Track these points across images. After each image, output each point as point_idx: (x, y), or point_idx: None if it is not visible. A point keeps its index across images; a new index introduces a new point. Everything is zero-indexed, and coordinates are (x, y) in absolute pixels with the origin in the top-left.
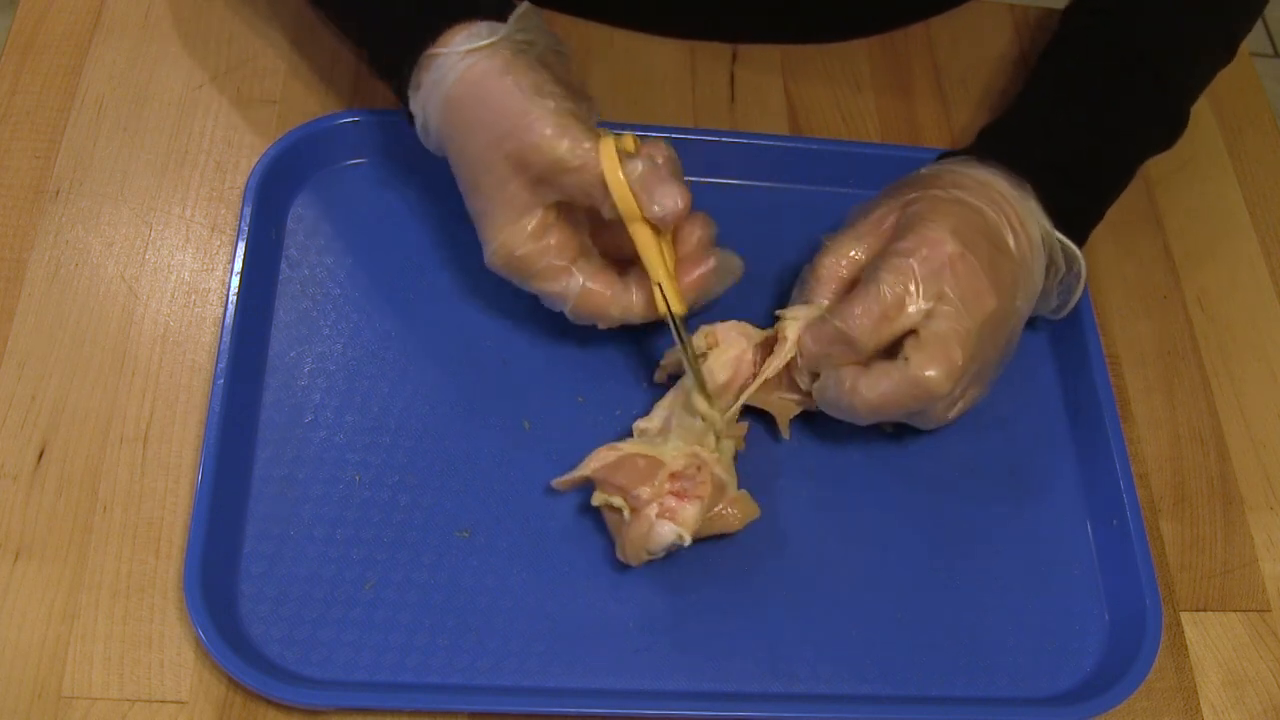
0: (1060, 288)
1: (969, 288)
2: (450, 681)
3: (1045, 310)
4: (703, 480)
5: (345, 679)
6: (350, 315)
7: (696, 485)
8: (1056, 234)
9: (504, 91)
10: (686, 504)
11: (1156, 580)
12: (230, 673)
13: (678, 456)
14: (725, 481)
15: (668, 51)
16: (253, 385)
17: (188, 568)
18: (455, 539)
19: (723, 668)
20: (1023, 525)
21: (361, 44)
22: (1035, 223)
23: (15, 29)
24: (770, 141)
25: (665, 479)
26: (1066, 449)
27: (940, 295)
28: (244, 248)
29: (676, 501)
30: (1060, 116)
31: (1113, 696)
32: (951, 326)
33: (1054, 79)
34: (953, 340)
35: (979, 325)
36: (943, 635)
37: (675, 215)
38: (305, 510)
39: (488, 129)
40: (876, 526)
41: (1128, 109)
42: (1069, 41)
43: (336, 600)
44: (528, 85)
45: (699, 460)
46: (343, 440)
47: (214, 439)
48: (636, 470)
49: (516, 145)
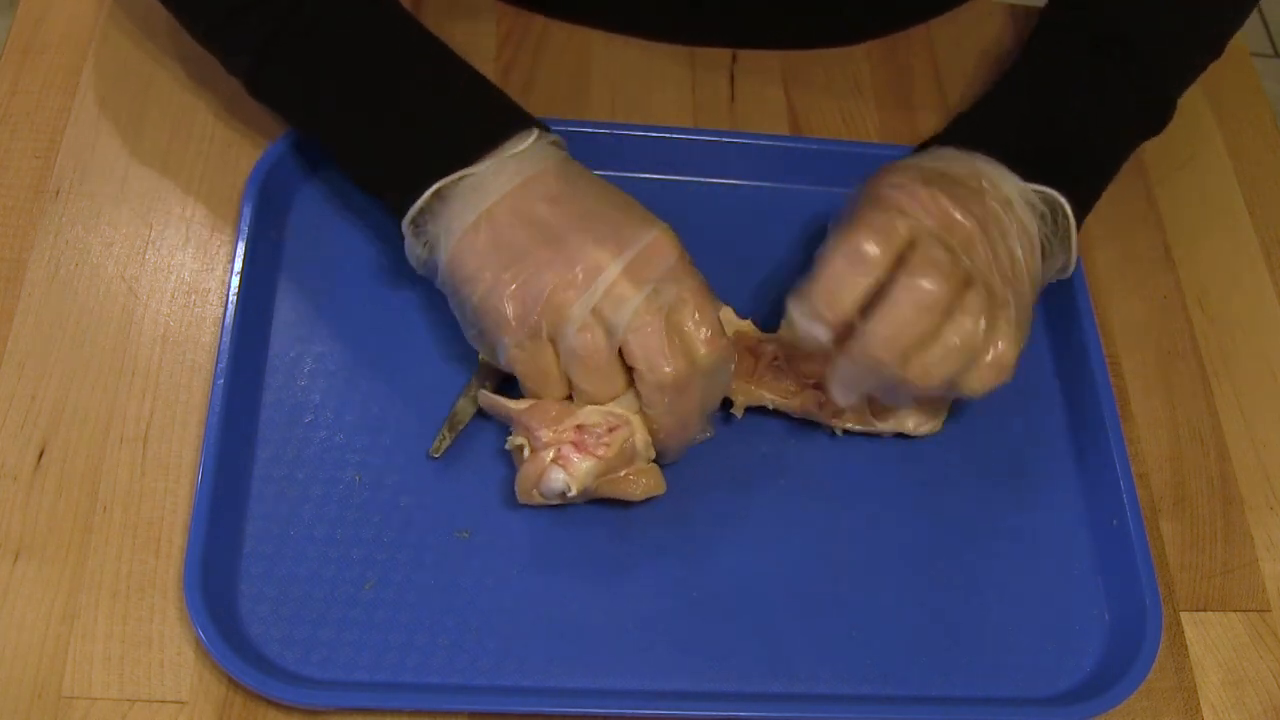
0: (1059, 240)
1: (943, 218)
2: (450, 681)
3: (1055, 269)
4: (608, 441)
5: (345, 679)
6: (350, 315)
7: (599, 443)
8: (1032, 186)
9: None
10: (583, 457)
11: (1156, 580)
12: (230, 673)
13: (594, 412)
14: (638, 451)
15: (668, 55)
16: (253, 385)
17: (188, 568)
18: (455, 539)
19: (723, 667)
20: (1022, 525)
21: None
22: (1008, 181)
23: (15, 29)
24: (770, 141)
25: (571, 428)
26: (1066, 449)
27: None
28: (244, 248)
29: (574, 452)
30: (1034, 101)
31: (1113, 696)
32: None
33: (1030, 67)
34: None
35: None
36: (942, 635)
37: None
38: (305, 510)
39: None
40: (877, 526)
41: (1105, 92)
42: (1048, 30)
43: (336, 600)
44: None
45: (615, 421)
46: (343, 440)
47: (214, 439)
48: (545, 414)
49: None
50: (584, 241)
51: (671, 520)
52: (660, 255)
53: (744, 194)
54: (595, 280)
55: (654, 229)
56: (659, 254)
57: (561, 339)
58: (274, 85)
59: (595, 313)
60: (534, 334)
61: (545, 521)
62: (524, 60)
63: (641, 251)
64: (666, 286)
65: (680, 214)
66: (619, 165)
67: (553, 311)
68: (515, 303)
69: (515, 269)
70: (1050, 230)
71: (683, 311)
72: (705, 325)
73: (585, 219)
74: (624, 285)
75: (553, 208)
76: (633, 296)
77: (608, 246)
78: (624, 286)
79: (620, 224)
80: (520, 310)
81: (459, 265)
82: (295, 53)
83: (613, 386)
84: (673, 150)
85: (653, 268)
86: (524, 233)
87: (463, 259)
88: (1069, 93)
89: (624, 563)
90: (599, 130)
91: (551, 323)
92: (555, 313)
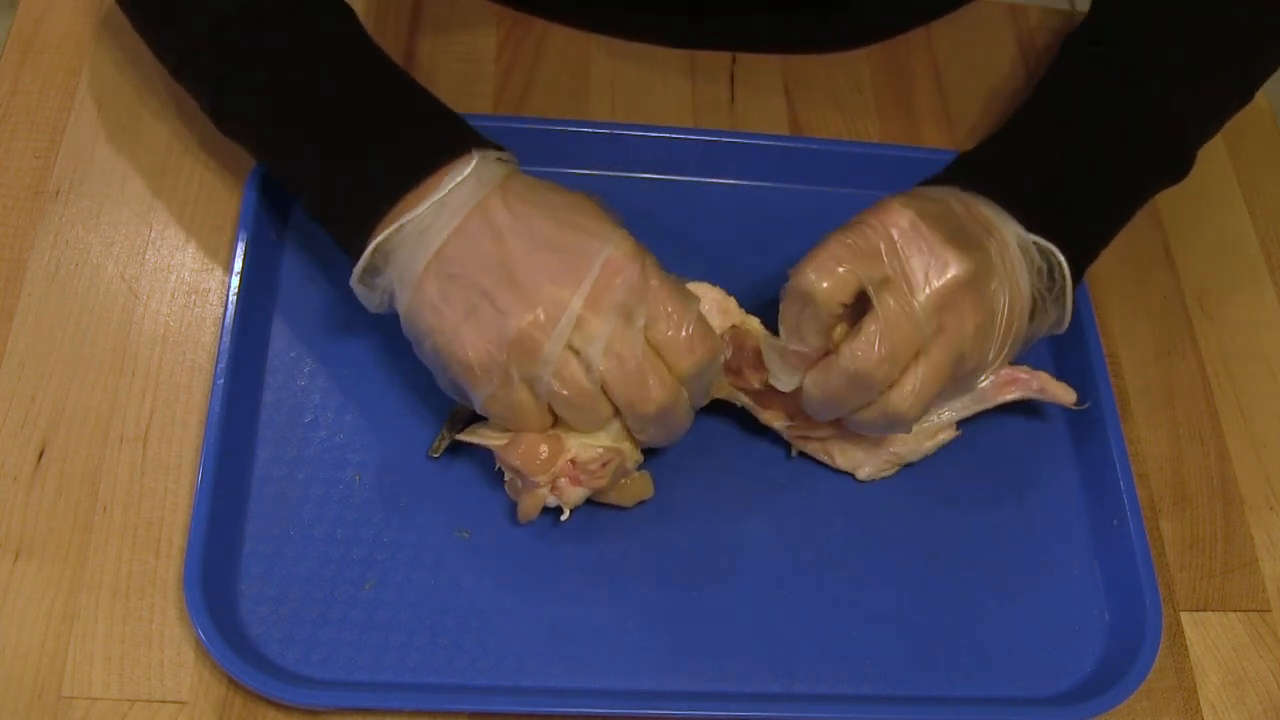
0: (1054, 297)
1: (928, 254)
2: (450, 681)
3: (1046, 325)
4: (603, 475)
5: (345, 679)
6: (350, 315)
7: (594, 476)
8: (1032, 236)
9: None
10: (577, 488)
11: (1157, 580)
12: (230, 673)
13: (586, 448)
14: (628, 468)
15: (668, 58)
16: (253, 385)
17: (188, 568)
18: (455, 539)
19: (723, 668)
20: (1023, 525)
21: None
22: (1007, 227)
23: (15, 29)
24: (770, 141)
25: (564, 465)
26: (1066, 449)
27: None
28: (244, 248)
29: (569, 484)
30: (1044, 144)
31: (1113, 696)
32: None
33: (1042, 108)
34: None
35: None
36: (942, 635)
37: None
38: (305, 510)
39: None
40: (877, 526)
41: (1119, 139)
42: (1064, 69)
43: (337, 600)
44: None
45: (607, 456)
46: (343, 440)
47: (214, 439)
48: (534, 458)
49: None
50: (539, 279)
51: (672, 521)
52: (619, 274)
53: (744, 194)
54: (560, 318)
55: (607, 245)
56: (618, 273)
57: (537, 381)
58: (231, 129)
59: (568, 349)
60: (505, 381)
61: (545, 522)
62: (524, 64)
63: (599, 276)
64: (635, 307)
65: (681, 213)
66: (621, 166)
67: (523, 356)
68: (479, 353)
69: (473, 319)
70: (1045, 285)
71: (658, 326)
72: (685, 332)
73: (536, 251)
74: (590, 318)
75: (500, 245)
76: (601, 328)
77: (565, 281)
78: (590, 319)
79: (572, 249)
80: (486, 360)
81: (416, 320)
82: (241, 100)
83: (600, 415)
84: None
85: (614, 290)
86: (476, 276)
87: (419, 314)
88: (1082, 137)
89: (624, 563)
90: (598, 130)
91: (524, 367)
92: (526, 357)
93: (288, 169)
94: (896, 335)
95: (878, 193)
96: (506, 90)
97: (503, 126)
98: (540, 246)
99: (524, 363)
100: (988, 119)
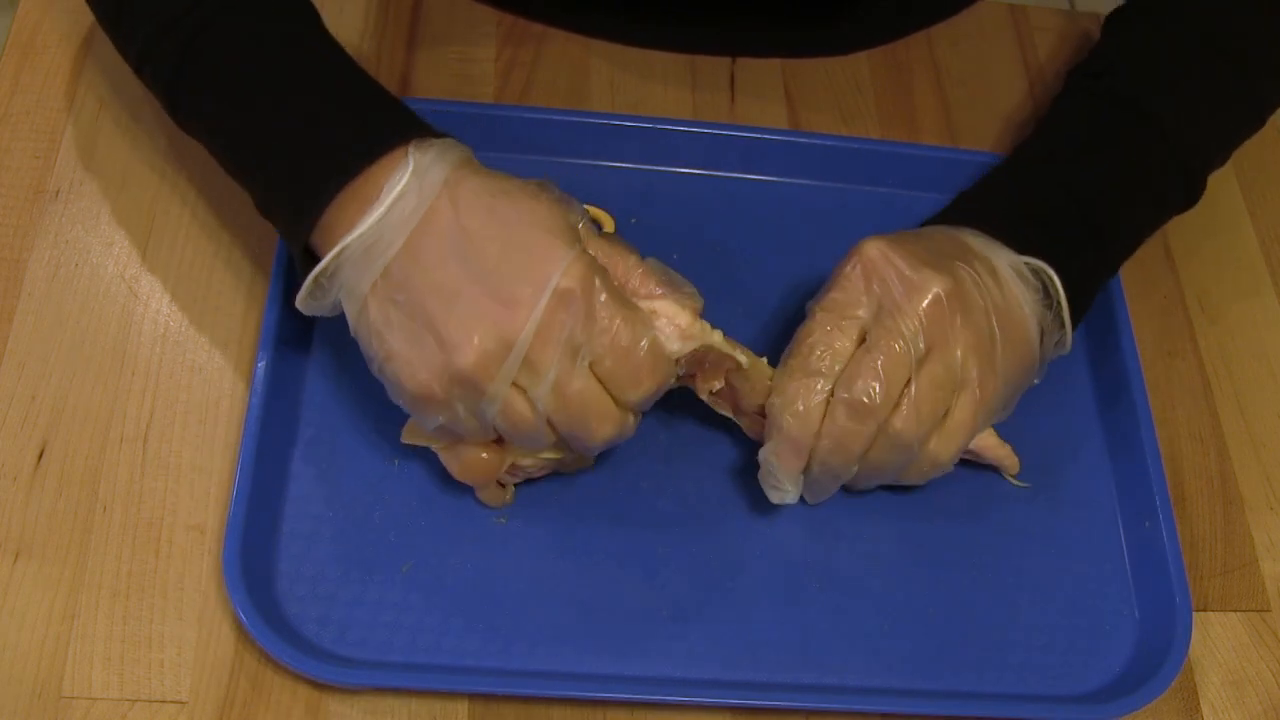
0: (1053, 316)
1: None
2: (484, 664)
3: (1052, 345)
4: (543, 470)
5: (381, 659)
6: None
7: (534, 470)
8: (1024, 258)
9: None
10: (516, 476)
11: (1188, 580)
12: (268, 650)
13: (527, 456)
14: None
15: (668, 58)
16: (297, 367)
17: (227, 546)
18: (493, 524)
19: (754, 657)
20: (1054, 523)
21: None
22: (995, 252)
23: (15, 29)
24: (770, 136)
25: (506, 469)
26: (1099, 447)
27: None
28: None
29: (511, 478)
30: (1035, 176)
31: (1142, 695)
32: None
33: (1044, 141)
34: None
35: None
36: (973, 630)
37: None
38: (344, 492)
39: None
40: (910, 523)
41: (1119, 168)
42: (1068, 105)
43: (373, 581)
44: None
45: (549, 466)
46: (383, 424)
47: (255, 418)
48: (475, 469)
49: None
50: (485, 310)
51: (707, 512)
52: (569, 305)
53: (744, 190)
54: (508, 354)
55: (556, 271)
56: (566, 306)
57: (481, 415)
58: (190, 128)
59: (514, 385)
60: (450, 412)
61: (582, 510)
62: (523, 69)
63: (547, 310)
64: (582, 342)
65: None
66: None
67: (469, 390)
68: (424, 388)
69: (418, 350)
70: (1045, 303)
71: (604, 363)
72: (633, 364)
73: (484, 278)
74: (537, 355)
75: (445, 270)
76: (549, 368)
77: (511, 314)
78: (538, 354)
79: (521, 277)
80: (430, 394)
81: (363, 342)
82: (193, 98)
83: (544, 443)
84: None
85: (561, 324)
86: (422, 302)
87: (365, 337)
88: (1082, 166)
89: (659, 552)
90: (598, 121)
91: (468, 401)
92: (472, 391)
93: (235, 167)
94: (888, 361)
95: (881, 189)
96: (505, 96)
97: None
98: (489, 273)
99: (468, 399)
100: (988, 119)
